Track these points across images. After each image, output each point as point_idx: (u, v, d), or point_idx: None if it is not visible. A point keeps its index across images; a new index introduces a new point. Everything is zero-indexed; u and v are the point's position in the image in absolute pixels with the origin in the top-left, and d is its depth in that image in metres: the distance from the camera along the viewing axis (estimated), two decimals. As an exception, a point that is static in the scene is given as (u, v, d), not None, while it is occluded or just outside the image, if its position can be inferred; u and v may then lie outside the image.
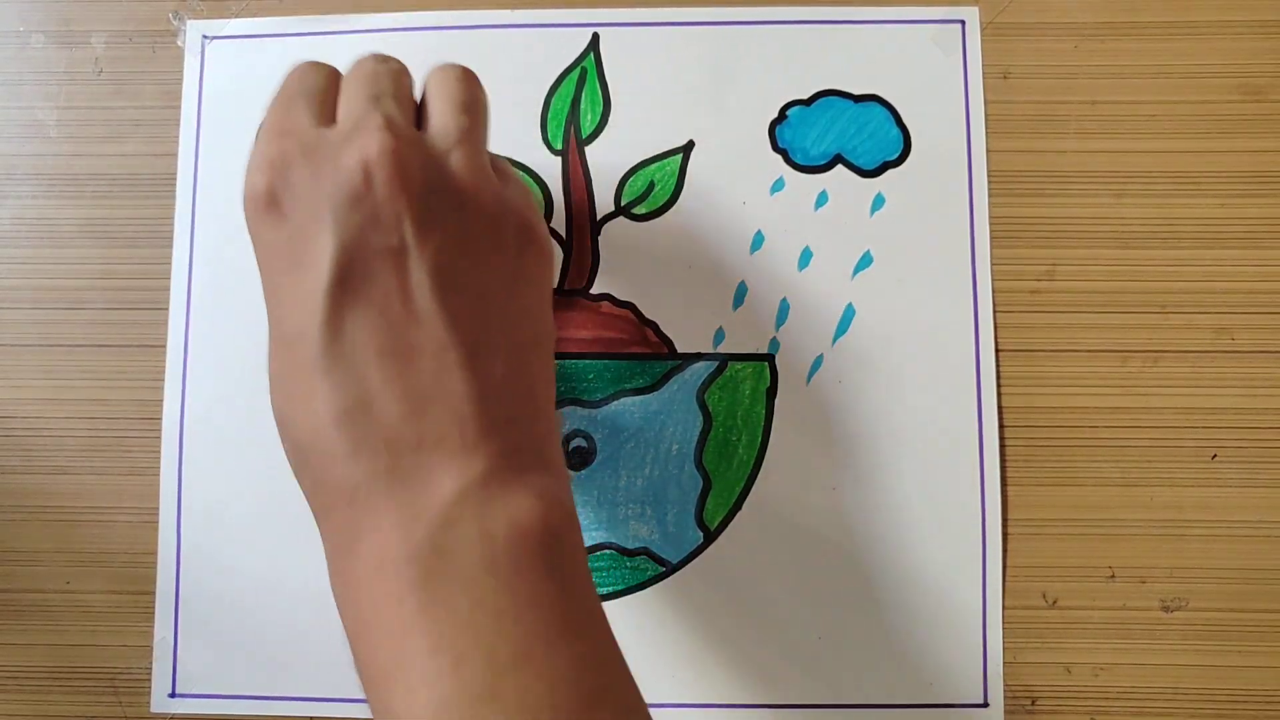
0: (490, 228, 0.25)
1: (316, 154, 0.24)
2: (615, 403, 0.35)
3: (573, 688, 0.22)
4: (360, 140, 0.24)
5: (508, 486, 0.23)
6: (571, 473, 0.35)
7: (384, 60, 0.27)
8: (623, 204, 0.36)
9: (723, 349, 0.35)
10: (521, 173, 0.36)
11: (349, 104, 0.25)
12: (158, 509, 0.35)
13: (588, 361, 0.35)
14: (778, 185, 0.36)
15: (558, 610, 0.23)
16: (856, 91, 0.36)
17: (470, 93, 0.27)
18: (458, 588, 0.22)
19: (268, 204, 0.24)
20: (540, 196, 0.36)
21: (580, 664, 0.23)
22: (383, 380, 0.23)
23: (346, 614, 0.24)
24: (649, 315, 0.35)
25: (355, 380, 0.23)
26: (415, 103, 0.27)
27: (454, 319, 0.24)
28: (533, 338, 0.26)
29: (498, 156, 0.28)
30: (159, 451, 0.35)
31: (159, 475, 0.35)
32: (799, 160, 0.36)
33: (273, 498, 0.34)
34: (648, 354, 0.35)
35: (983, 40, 0.36)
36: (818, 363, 0.35)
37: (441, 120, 0.26)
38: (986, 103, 0.36)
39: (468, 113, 0.26)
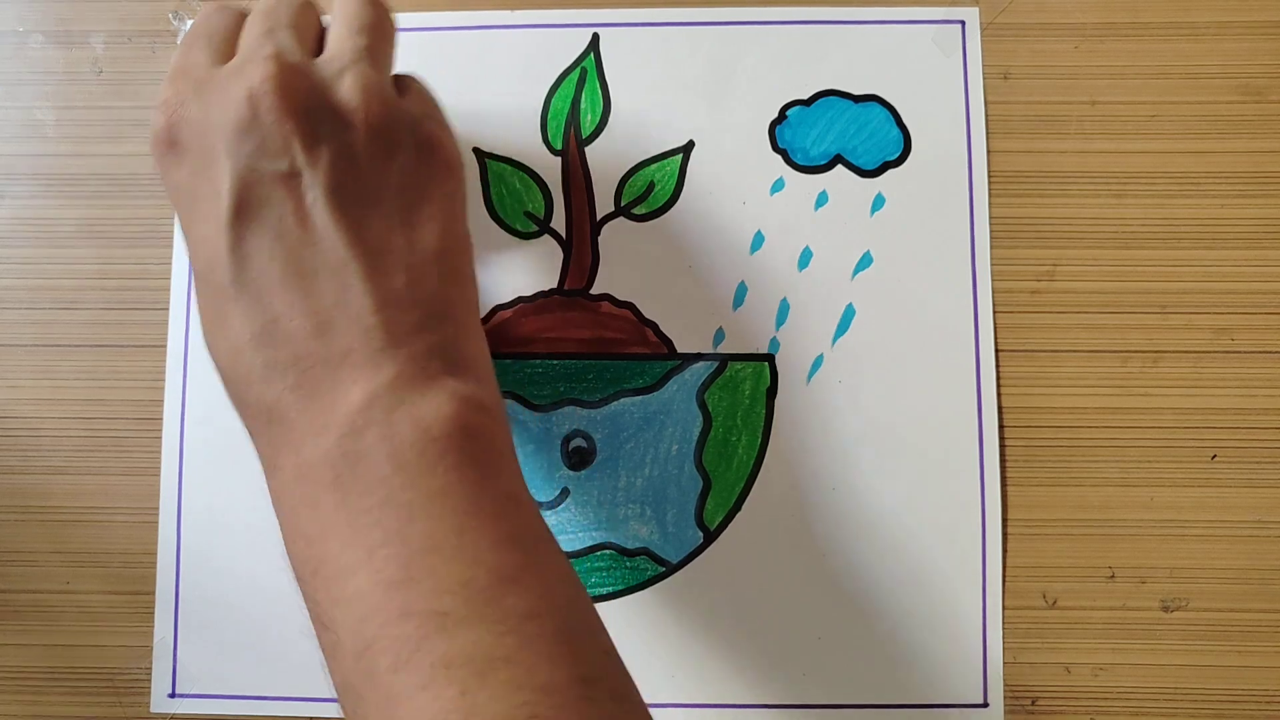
0: (382, 143, 0.25)
1: (208, 90, 0.25)
2: (615, 403, 0.35)
3: (488, 568, 0.22)
4: (247, 71, 0.25)
5: (415, 390, 0.24)
6: (571, 472, 0.35)
7: None
8: (623, 204, 0.36)
9: (723, 349, 0.35)
10: (521, 173, 0.36)
11: (245, 39, 0.26)
12: (157, 509, 0.35)
13: (588, 361, 0.35)
14: (778, 185, 0.36)
15: (471, 500, 0.23)
16: (856, 91, 0.36)
17: (369, 13, 0.27)
18: (368, 487, 0.23)
19: (168, 144, 0.25)
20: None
21: (497, 546, 0.23)
22: (287, 301, 0.24)
23: (281, 526, 0.25)
24: (649, 315, 0.35)
25: (262, 304, 0.24)
26: (319, 29, 0.27)
27: (351, 234, 0.25)
28: (438, 247, 0.26)
29: (411, 76, 0.29)
30: (158, 451, 0.35)
31: (158, 475, 0.35)
32: (799, 160, 0.36)
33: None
34: (648, 354, 0.35)
35: (983, 40, 0.36)
36: (818, 363, 0.35)
37: (337, 43, 0.26)
38: (986, 103, 0.36)
39: (364, 33, 0.27)
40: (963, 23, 0.36)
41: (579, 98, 0.36)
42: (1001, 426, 0.34)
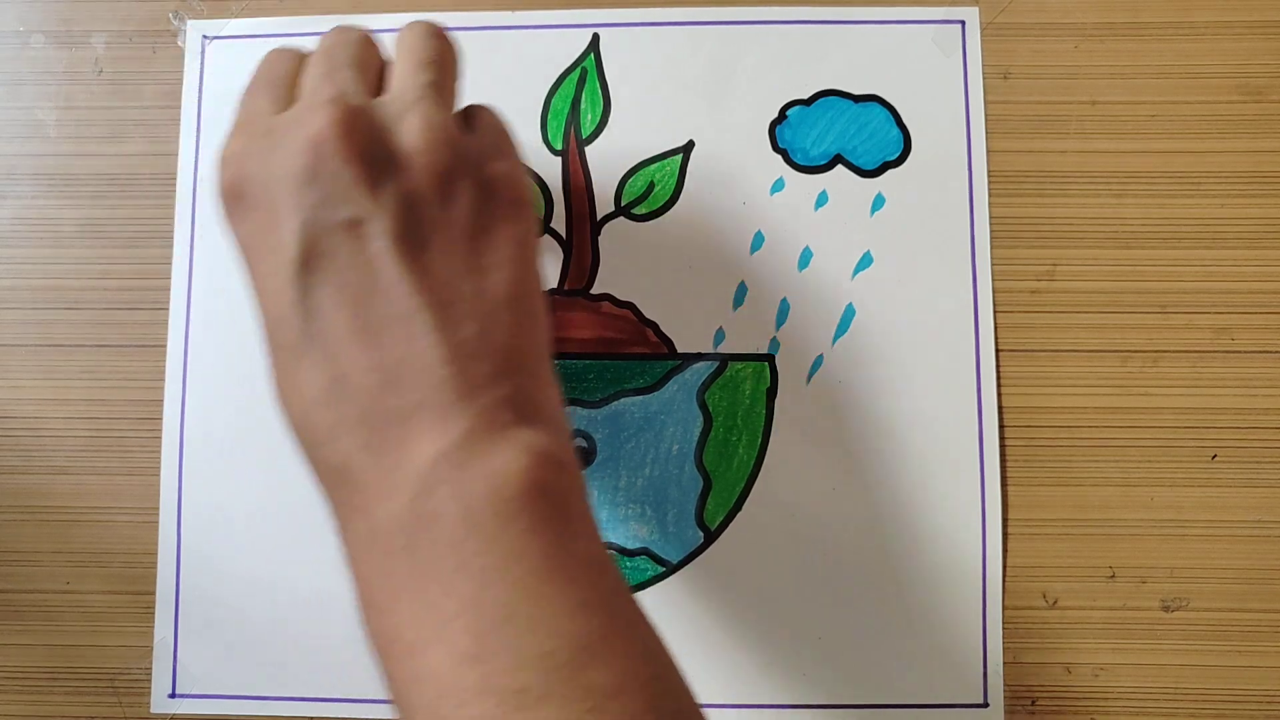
0: (446, 185, 0.25)
1: (272, 139, 0.24)
2: (615, 403, 0.35)
3: (568, 639, 0.21)
4: (308, 118, 0.24)
5: (488, 444, 0.23)
6: (572, 473, 0.35)
7: (344, 31, 0.27)
8: (623, 204, 0.36)
9: (723, 349, 0.35)
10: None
11: (306, 83, 0.26)
12: (158, 509, 0.35)
13: (588, 361, 0.35)
14: (778, 185, 0.36)
15: (549, 562, 0.22)
16: (856, 91, 0.36)
17: (433, 47, 0.26)
18: (441, 552, 0.22)
19: (235, 197, 0.25)
20: (540, 196, 0.36)
21: (576, 614, 0.22)
22: (355, 355, 0.23)
23: (356, 596, 0.24)
24: (649, 315, 0.35)
25: (330, 358, 0.23)
26: (381, 67, 0.27)
27: (418, 283, 0.23)
28: (509, 292, 0.25)
29: (482, 107, 0.28)
30: (159, 451, 0.35)
31: (159, 475, 0.35)
32: (799, 160, 0.36)
33: (273, 497, 0.34)
34: (648, 354, 0.35)
35: (983, 40, 0.36)
36: (818, 363, 0.35)
37: (400, 82, 0.26)
38: (986, 103, 0.36)
39: (427, 69, 0.26)
40: (963, 23, 0.36)
41: (579, 98, 0.36)
42: (1001, 426, 0.34)
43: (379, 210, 0.23)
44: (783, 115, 0.36)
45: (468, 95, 0.28)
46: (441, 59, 0.26)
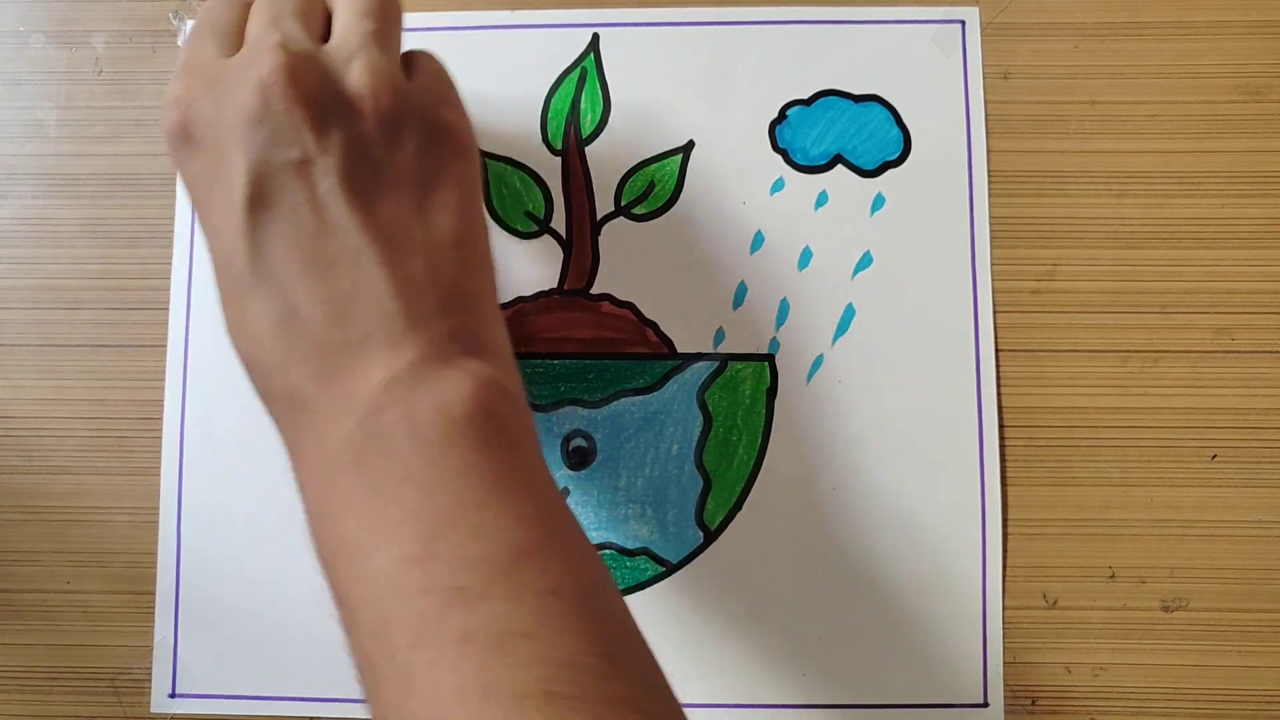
0: (392, 129, 0.25)
1: (219, 83, 0.25)
2: (615, 403, 0.35)
3: (507, 544, 0.22)
4: (256, 62, 0.25)
5: (435, 372, 0.24)
6: (571, 472, 0.35)
7: None
8: (623, 204, 0.36)
9: (723, 349, 0.35)
10: (521, 173, 0.36)
11: (251, 29, 0.26)
12: (158, 509, 0.35)
13: (588, 361, 0.35)
14: (778, 185, 0.36)
15: (491, 478, 0.23)
16: (856, 91, 0.36)
17: None
18: (388, 466, 0.23)
19: (182, 139, 0.26)
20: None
21: (517, 523, 0.23)
22: (305, 289, 0.24)
23: (305, 511, 0.25)
24: (649, 315, 0.35)
25: (281, 293, 0.24)
26: (325, 15, 0.27)
27: (366, 220, 0.24)
28: (455, 232, 0.26)
29: (423, 53, 0.28)
30: (159, 451, 0.35)
31: (159, 475, 0.35)
32: (799, 160, 0.36)
33: (273, 497, 0.34)
34: (648, 354, 0.35)
35: (983, 40, 0.36)
36: (818, 363, 0.35)
37: (344, 29, 0.26)
38: (986, 103, 0.36)
39: (370, 17, 0.26)
40: (963, 23, 0.36)
41: (579, 98, 0.36)
42: (1001, 426, 0.34)
43: (326, 151, 0.24)
44: (783, 115, 0.36)
45: (468, 93, 0.28)
46: (384, 9, 0.27)
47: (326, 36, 0.27)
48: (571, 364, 0.35)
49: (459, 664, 0.21)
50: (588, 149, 0.36)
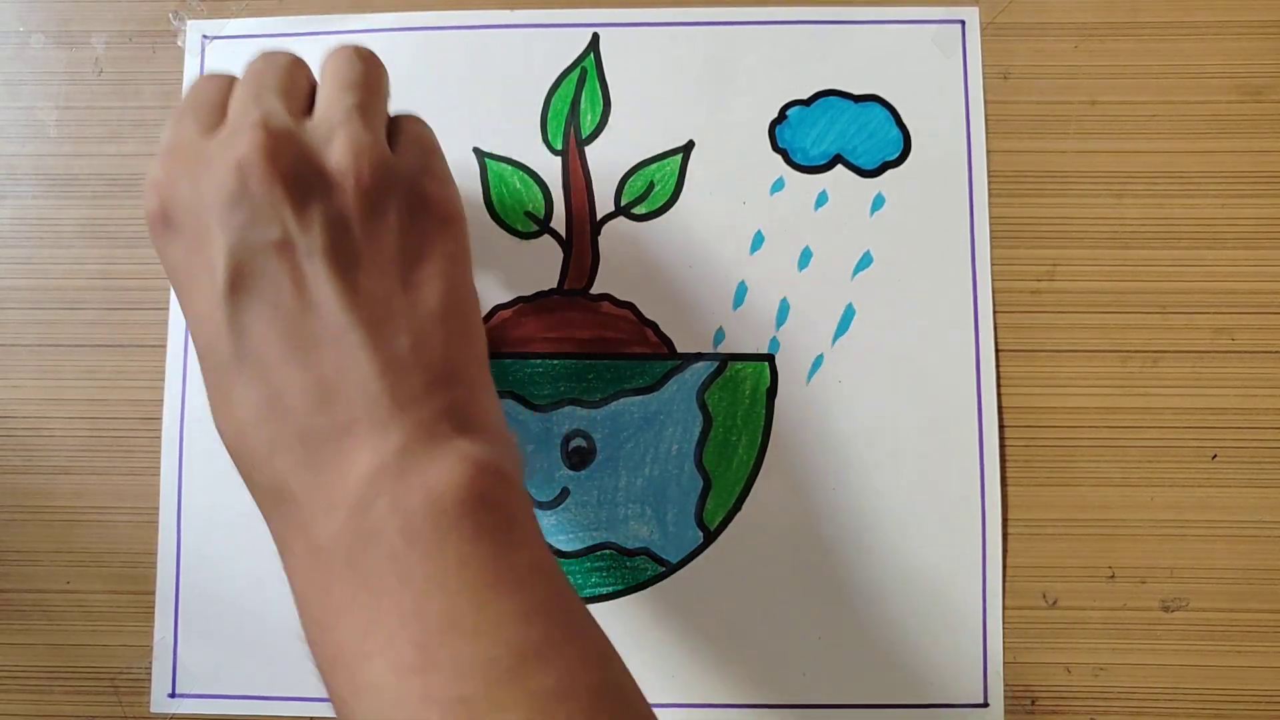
0: (374, 204, 0.25)
1: (198, 164, 0.24)
2: (615, 403, 0.35)
3: (510, 646, 0.21)
4: (234, 141, 0.24)
5: (425, 456, 0.23)
6: (571, 472, 0.35)
7: (272, 56, 0.27)
8: (623, 204, 0.36)
9: (723, 349, 0.35)
10: (521, 173, 0.36)
11: (232, 107, 0.26)
12: (158, 509, 0.35)
13: (588, 361, 0.35)
14: (778, 185, 0.36)
15: (490, 570, 0.22)
16: (856, 91, 0.36)
17: (358, 69, 0.26)
18: (382, 565, 0.22)
19: (163, 222, 0.25)
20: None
21: (520, 620, 0.22)
22: (288, 374, 0.23)
23: (298, 613, 0.24)
24: (649, 315, 0.35)
25: (264, 378, 0.24)
26: (309, 89, 0.27)
27: (348, 300, 0.24)
28: (442, 306, 0.25)
29: (409, 118, 0.28)
30: (159, 451, 0.35)
31: (159, 475, 0.35)
32: (799, 160, 0.36)
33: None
34: (648, 354, 0.35)
35: (983, 40, 0.36)
36: (818, 363, 0.35)
37: (325, 104, 0.26)
38: (986, 103, 0.36)
39: (353, 90, 0.26)
40: (963, 22, 0.36)
41: (579, 98, 0.36)
42: (1001, 426, 0.34)
43: (307, 230, 0.24)
44: (783, 115, 0.36)
45: (468, 93, 0.28)
46: (368, 81, 0.26)
47: (311, 111, 0.26)
48: (571, 364, 0.35)
49: None
50: (588, 149, 0.36)
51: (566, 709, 0.21)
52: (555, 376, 0.35)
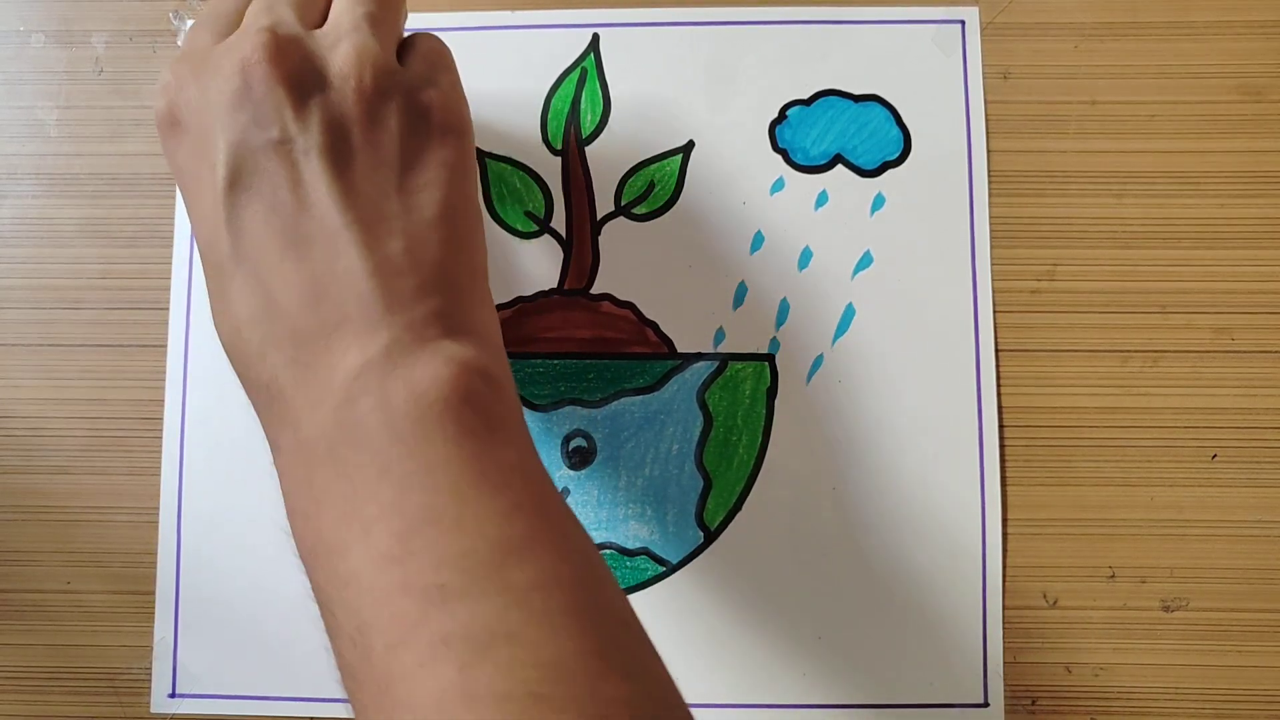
0: (374, 109, 0.25)
1: (206, 67, 0.25)
2: (615, 403, 0.35)
3: (490, 540, 0.21)
4: (240, 44, 0.24)
5: (411, 355, 0.23)
6: (571, 472, 0.35)
7: None
8: (623, 204, 0.36)
9: (723, 349, 0.35)
10: (521, 173, 0.36)
11: (247, 17, 0.26)
12: (158, 509, 0.35)
13: (588, 361, 0.35)
14: (778, 185, 0.36)
15: (473, 470, 0.22)
16: (856, 91, 0.36)
17: None
18: (363, 459, 0.22)
19: (170, 124, 0.25)
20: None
21: (501, 517, 0.22)
22: (282, 273, 0.24)
23: (286, 508, 0.24)
24: (649, 315, 0.35)
25: (259, 278, 0.24)
26: (324, 7, 0.27)
27: (343, 200, 0.24)
28: (438, 213, 0.25)
29: (423, 35, 0.28)
30: (159, 451, 0.35)
31: (159, 475, 0.35)
32: (799, 160, 0.36)
33: (273, 497, 0.34)
34: (648, 354, 0.35)
35: (983, 40, 0.36)
36: (818, 363, 0.35)
37: (338, 13, 0.26)
38: (986, 103, 0.36)
39: (367, 2, 0.26)
40: (963, 22, 0.36)
41: (579, 97, 0.36)
42: (1001, 426, 0.34)
43: (305, 129, 0.24)
44: (783, 115, 0.36)
45: (468, 93, 0.28)
46: None
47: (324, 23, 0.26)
48: (571, 364, 0.35)
49: (439, 668, 0.20)
50: (588, 149, 0.36)
51: (543, 599, 0.21)
52: (555, 376, 0.35)
